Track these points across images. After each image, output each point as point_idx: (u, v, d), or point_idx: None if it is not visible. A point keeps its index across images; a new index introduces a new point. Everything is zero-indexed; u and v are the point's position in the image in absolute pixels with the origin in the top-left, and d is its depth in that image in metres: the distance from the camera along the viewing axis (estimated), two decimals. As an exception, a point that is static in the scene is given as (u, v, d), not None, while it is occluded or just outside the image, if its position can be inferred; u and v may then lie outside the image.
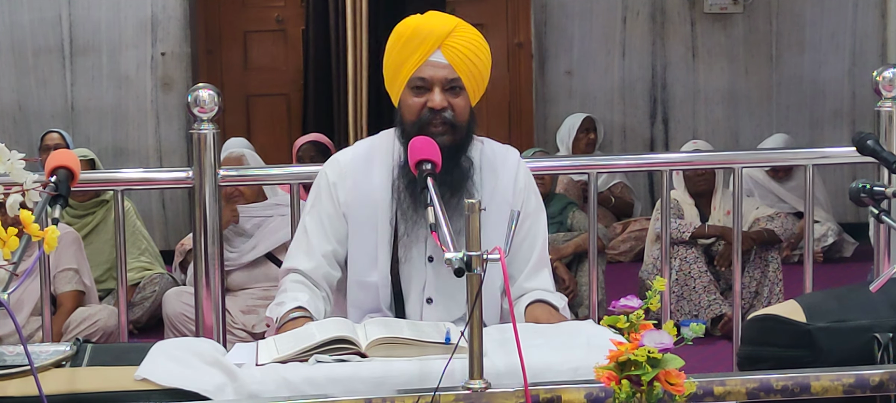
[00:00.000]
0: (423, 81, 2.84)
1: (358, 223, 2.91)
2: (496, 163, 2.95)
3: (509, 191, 2.93)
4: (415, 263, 2.88)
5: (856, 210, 7.27)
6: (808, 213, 3.88)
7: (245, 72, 8.03)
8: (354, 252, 2.91)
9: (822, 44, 8.07)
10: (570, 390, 2.13)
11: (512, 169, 2.97)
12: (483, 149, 2.95)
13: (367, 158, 2.96)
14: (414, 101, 2.85)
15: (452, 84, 2.83)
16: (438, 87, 2.83)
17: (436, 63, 2.83)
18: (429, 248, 2.88)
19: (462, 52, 2.84)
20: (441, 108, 2.81)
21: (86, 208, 6.14)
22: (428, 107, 2.82)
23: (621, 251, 7.36)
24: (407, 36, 2.86)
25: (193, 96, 3.46)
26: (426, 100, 2.83)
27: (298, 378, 2.24)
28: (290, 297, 2.85)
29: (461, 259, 2.07)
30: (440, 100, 2.82)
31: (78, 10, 7.55)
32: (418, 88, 2.84)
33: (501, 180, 2.94)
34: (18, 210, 2.00)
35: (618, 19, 8.02)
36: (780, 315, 2.53)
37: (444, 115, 2.82)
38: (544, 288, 2.95)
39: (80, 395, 2.18)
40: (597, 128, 7.80)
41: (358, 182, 2.93)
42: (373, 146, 2.99)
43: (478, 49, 2.87)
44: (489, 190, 2.90)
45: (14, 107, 7.58)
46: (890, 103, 3.67)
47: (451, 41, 2.84)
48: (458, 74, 2.83)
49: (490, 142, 3.01)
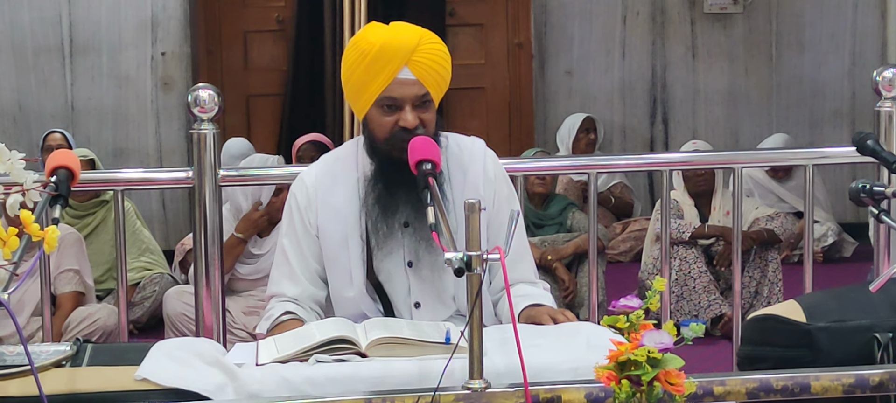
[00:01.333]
0: (394, 100, 2.78)
1: (329, 242, 2.88)
2: (463, 157, 2.92)
3: (479, 184, 2.89)
4: (394, 271, 2.86)
5: (856, 210, 7.27)
6: (808, 213, 3.88)
7: (245, 72, 8.03)
8: (331, 269, 2.89)
9: (822, 44, 8.07)
10: (570, 390, 2.13)
11: (479, 161, 2.92)
12: (448, 146, 2.91)
13: (331, 174, 2.92)
14: (384, 121, 2.79)
15: (423, 99, 2.79)
16: (409, 105, 2.77)
17: (404, 81, 2.77)
18: (406, 254, 2.86)
19: (428, 66, 2.79)
20: (414, 127, 2.76)
21: (86, 208, 6.15)
22: (400, 127, 2.77)
23: (621, 251, 7.36)
24: (372, 55, 2.77)
25: (193, 96, 3.46)
26: (397, 119, 2.78)
27: (298, 378, 2.24)
28: (278, 309, 2.88)
29: (461, 259, 2.07)
30: (412, 119, 2.76)
31: (78, 9, 7.55)
32: (388, 107, 2.79)
33: (470, 174, 2.90)
34: (18, 210, 2.00)
35: (618, 19, 8.02)
36: (780, 315, 2.53)
37: (415, 133, 2.75)
38: (524, 279, 2.91)
39: (80, 395, 2.18)
40: (597, 128, 7.80)
41: (325, 201, 2.90)
42: (337, 160, 2.95)
43: (441, 57, 2.82)
44: (459, 185, 2.87)
45: (14, 107, 7.58)
46: (890, 103, 3.67)
47: (417, 56, 2.78)
48: (426, 89, 2.78)
49: (455, 136, 2.96)
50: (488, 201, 2.87)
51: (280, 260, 2.96)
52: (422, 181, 2.52)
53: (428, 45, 2.81)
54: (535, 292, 2.90)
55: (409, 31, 2.83)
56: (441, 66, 2.82)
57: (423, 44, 2.80)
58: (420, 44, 2.79)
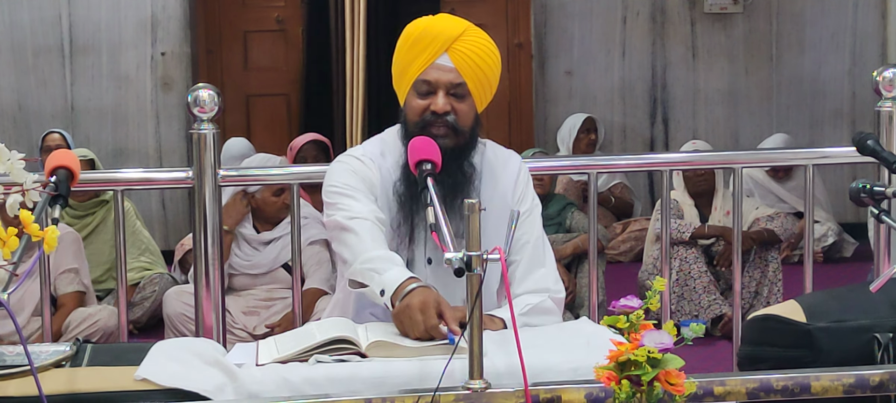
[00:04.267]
0: (428, 84, 2.81)
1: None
2: (497, 166, 2.94)
3: (509, 194, 2.92)
4: (416, 265, 2.86)
5: (856, 210, 7.27)
6: (808, 213, 3.88)
7: (245, 72, 8.03)
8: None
9: (822, 44, 8.07)
10: (570, 390, 2.13)
11: (513, 172, 2.95)
12: (484, 152, 2.94)
13: (381, 154, 2.93)
14: (417, 103, 2.83)
15: (457, 89, 2.81)
16: (443, 91, 2.80)
17: (442, 66, 2.81)
18: (427, 250, 2.87)
19: (469, 57, 2.81)
20: (444, 112, 2.79)
21: (86, 208, 6.14)
22: (431, 110, 2.80)
23: (621, 251, 7.36)
24: (415, 37, 2.83)
25: (193, 96, 3.46)
26: (429, 103, 2.81)
27: (298, 378, 2.24)
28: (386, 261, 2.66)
29: (461, 259, 2.07)
30: (443, 104, 2.79)
31: (78, 9, 7.55)
32: (423, 91, 2.82)
33: (501, 183, 2.92)
34: (18, 210, 2.00)
35: (618, 19, 8.02)
36: (780, 315, 2.53)
37: (446, 119, 2.79)
38: (537, 289, 2.87)
39: (80, 395, 2.18)
40: (597, 128, 7.80)
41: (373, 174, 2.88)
42: (384, 142, 2.96)
43: (486, 55, 2.84)
44: (488, 192, 2.88)
45: (14, 107, 7.58)
46: (890, 103, 3.67)
47: (458, 45, 2.81)
48: (463, 79, 2.80)
49: (492, 144, 3.00)
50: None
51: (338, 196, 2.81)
52: (421, 181, 2.52)
53: (473, 37, 2.84)
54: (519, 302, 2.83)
55: (454, 21, 2.88)
56: (483, 60, 2.83)
57: (467, 35, 2.84)
58: (464, 34, 2.83)
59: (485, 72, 2.84)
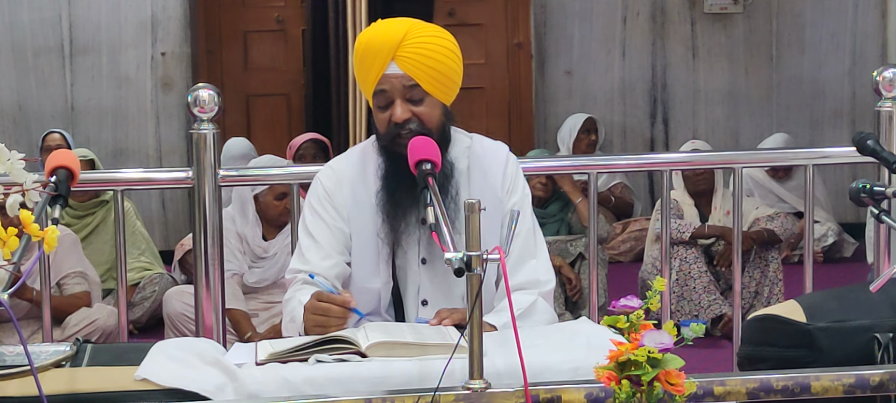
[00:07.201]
0: (384, 95, 2.80)
1: (358, 230, 2.89)
2: (486, 159, 2.93)
3: (498, 186, 2.91)
4: (410, 266, 2.87)
5: (856, 210, 7.27)
6: (808, 213, 3.88)
7: (245, 72, 8.03)
8: (357, 258, 2.89)
9: (822, 44, 8.07)
10: (570, 390, 2.12)
11: (501, 164, 2.94)
12: (472, 146, 2.93)
13: (361, 164, 2.93)
14: (381, 117, 2.82)
15: (412, 92, 2.79)
16: (399, 99, 2.78)
17: (392, 75, 2.78)
18: (421, 250, 2.87)
19: (417, 59, 2.78)
20: (404, 121, 2.78)
21: (86, 208, 6.14)
22: (393, 122, 2.79)
23: (621, 251, 7.36)
24: (360, 53, 2.82)
25: (193, 96, 3.46)
26: (390, 115, 2.80)
27: (298, 378, 2.24)
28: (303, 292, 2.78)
29: (461, 259, 2.07)
30: (401, 113, 2.78)
31: (78, 10, 7.55)
32: (382, 104, 2.81)
33: (489, 176, 2.91)
34: (18, 210, 2.00)
35: (618, 19, 8.02)
36: (780, 315, 2.52)
37: (409, 127, 2.77)
38: (528, 281, 2.86)
39: (80, 395, 2.18)
40: (598, 129, 7.79)
41: (355, 189, 2.90)
42: (365, 151, 2.96)
43: (436, 49, 2.81)
44: (478, 187, 2.88)
45: (14, 107, 7.58)
46: (890, 103, 3.67)
47: (403, 50, 2.78)
48: (415, 81, 2.78)
49: (479, 138, 2.98)
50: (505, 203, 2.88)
51: (305, 241, 2.89)
52: (421, 181, 2.52)
53: (417, 37, 2.80)
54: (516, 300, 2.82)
55: (393, 26, 2.83)
56: (432, 57, 2.80)
57: (410, 36, 2.79)
58: (406, 38, 2.79)
59: (437, 68, 2.81)
